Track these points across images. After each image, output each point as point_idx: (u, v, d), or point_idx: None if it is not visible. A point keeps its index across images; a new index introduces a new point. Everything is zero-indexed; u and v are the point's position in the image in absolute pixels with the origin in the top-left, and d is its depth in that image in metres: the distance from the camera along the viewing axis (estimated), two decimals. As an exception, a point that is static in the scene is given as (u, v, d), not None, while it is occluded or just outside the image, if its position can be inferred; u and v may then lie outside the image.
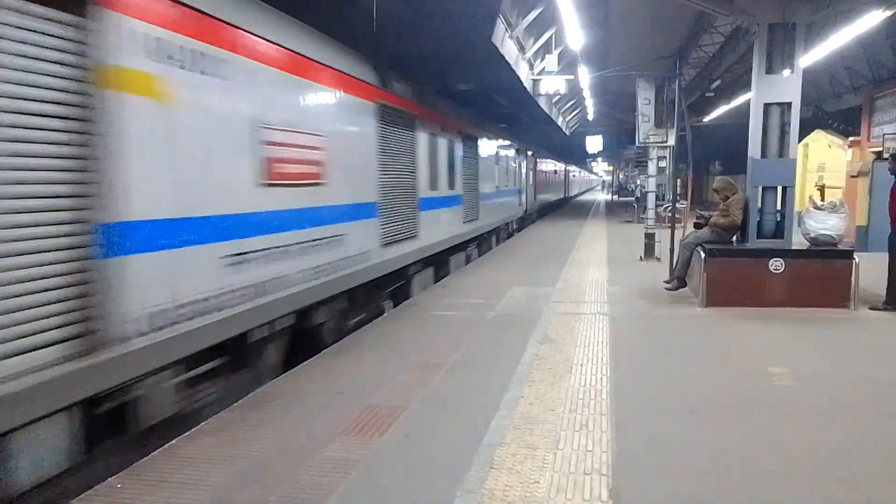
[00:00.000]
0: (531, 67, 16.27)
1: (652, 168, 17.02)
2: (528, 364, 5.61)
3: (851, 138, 15.62)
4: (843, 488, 3.41)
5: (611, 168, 63.11)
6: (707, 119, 23.34)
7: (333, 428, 4.24)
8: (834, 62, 14.62)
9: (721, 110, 21.31)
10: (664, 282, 9.12)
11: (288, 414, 4.55)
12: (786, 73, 8.11)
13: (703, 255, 8.11)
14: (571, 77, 16.70)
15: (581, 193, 61.58)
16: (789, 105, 8.18)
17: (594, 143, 39.44)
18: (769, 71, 8.21)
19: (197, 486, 3.48)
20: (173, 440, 4.09)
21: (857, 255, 7.88)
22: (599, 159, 64.62)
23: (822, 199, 8.51)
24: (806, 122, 12.90)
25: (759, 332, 6.91)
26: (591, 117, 30.91)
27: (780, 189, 8.44)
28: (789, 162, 8.34)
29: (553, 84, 16.16)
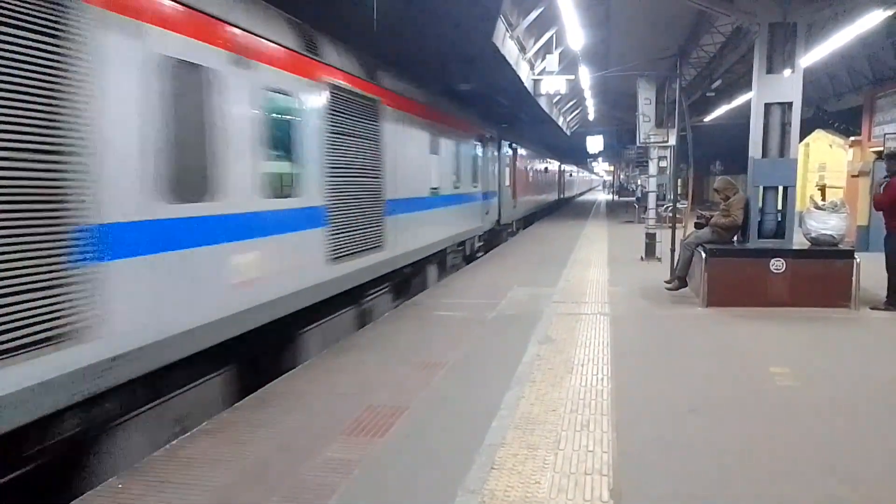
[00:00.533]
0: (532, 67, 16.28)
1: (653, 168, 17.05)
2: (529, 364, 5.61)
3: (852, 138, 15.58)
4: (845, 488, 3.41)
5: (611, 168, 63.12)
6: (708, 119, 23.31)
7: (334, 428, 4.24)
8: (835, 62, 14.60)
9: (722, 110, 21.28)
10: (665, 282, 9.11)
11: (289, 414, 4.55)
12: (787, 72, 8.11)
13: (703, 255, 8.10)
14: (572, 77, 16.73)
15: (580, 194, 58.77)
16: (790, 105, 8.19)
17: (595, 143, 39.52)
18: (770, 71, 8.21)
19: (198, 486, 3.48)
20: (174, 440, 4.10)
21: (858, 255, 7.88)
22: (600, 159, 64.58)
23: (823, 199, 8.48)
24: (807, 121, 12.88)
25: (760, 332, 6.90)
26: (591, 117, 30.95)
27: (780, 189, 8.44)
28: (790, 162, 8.35)
29: (554, 84, 16.20)
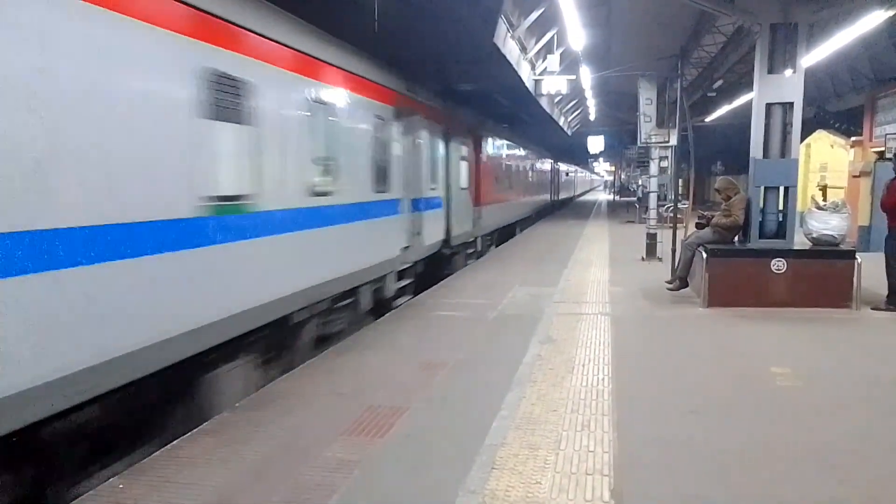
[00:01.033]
0: (533, 68, 16.26)
1: (654, 168, 16.99)
2: (529, 364, 5.61)
3: (854, 138, 15.55)
4: (845, 488, 3.40)
5: (612, 168, 63.02)
6: (709, 119, 23.28)
7: (335, 428, 4.24)
8: (836, 62, 14.57)
9: (723, 110, 21.24)
10: (666, 282, 9.11)
11: (289, 414, 4.55)
12: (788, 73, 8.10)
13: (704, 255, 8.10)
14: (573, 77, 16.71)
15: (580, 195, 56.42)
16: (791, 105, 8.18)
17: (596, 143, 39.45)
18: (771, 71, 8.20)
19: (199, 486, 3.48)
20: (175, 440, 4.10)
21: (859, 256, 7.88)
22: (601, 159, 64.55)
23: (825, 199, 8.48)
24: (808, 121, 12.86)
25: (761, 332, 6.90)
26: (592, 117, 30.90)
27: (782, 189, 8.43)
28: (791, 162, 8.34)
29: (555, 84, 16.17)
